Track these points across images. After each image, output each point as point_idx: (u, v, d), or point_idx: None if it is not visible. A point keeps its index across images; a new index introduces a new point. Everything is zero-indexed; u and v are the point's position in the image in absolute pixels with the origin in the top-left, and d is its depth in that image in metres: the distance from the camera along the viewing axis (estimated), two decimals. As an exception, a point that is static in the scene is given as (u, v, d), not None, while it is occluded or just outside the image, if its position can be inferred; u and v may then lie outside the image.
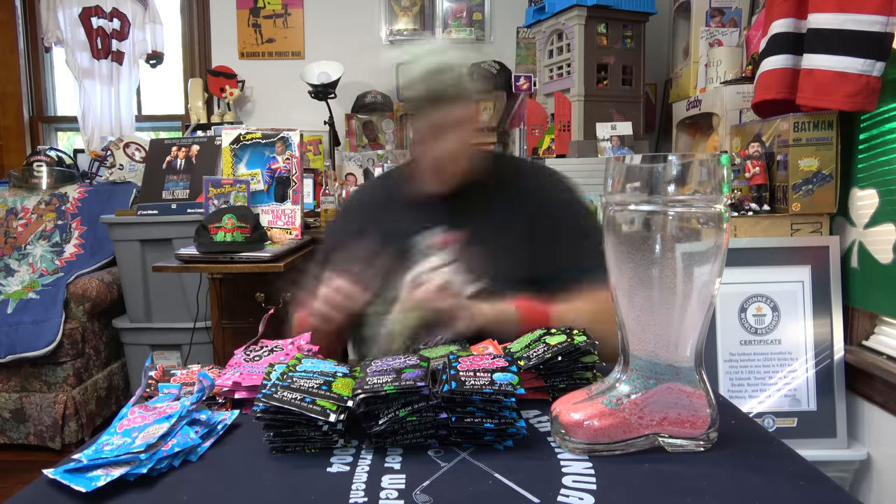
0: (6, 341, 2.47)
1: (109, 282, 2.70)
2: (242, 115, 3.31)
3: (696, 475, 0.70)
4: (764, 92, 1.78)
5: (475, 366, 0.82)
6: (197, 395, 0.84)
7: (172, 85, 3.47)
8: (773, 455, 0.75)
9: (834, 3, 1.58)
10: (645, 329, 0.73)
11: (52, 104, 3.51)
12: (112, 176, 2.96)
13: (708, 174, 0.70)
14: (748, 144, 1.86)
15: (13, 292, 2.62)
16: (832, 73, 1.59)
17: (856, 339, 1.76)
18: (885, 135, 1.63)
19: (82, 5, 3.24)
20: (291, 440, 0.76)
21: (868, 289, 1.69)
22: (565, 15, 2.49)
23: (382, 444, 0.77)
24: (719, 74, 2.19)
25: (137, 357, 2.70)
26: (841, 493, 0.68)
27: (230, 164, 2.28)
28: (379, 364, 0.86)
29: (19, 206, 2.91)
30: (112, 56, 3.28)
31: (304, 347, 1.01)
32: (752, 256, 1.76)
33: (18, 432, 2.56)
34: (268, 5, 3.27)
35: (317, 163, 3.05)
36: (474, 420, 0.76)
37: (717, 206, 0.70)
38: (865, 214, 1.69)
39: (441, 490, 0.67)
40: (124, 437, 0.74)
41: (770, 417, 1.72)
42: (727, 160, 0.71)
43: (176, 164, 2.56)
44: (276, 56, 3.30)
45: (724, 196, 0.70)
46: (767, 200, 1.81)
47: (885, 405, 1.63)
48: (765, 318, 1.75)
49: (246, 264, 2.00)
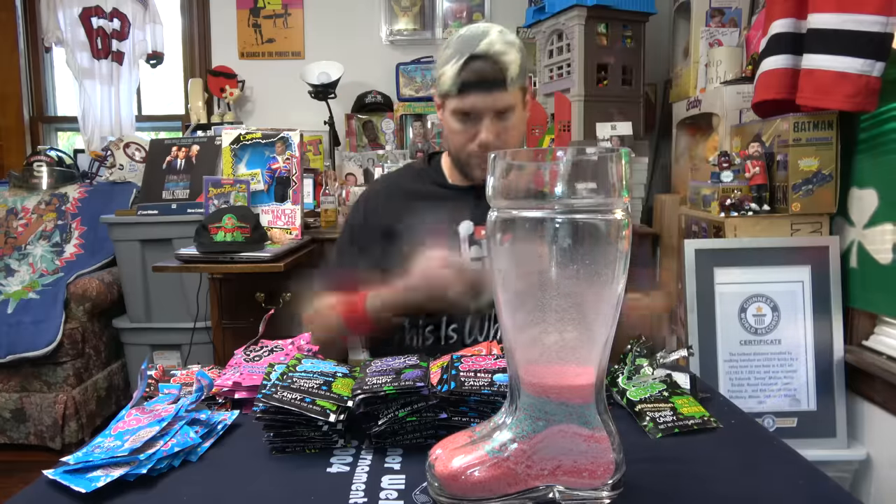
0: (6, 341, 2.47)
1: (109, 282, 2.70)
2: (242, 115, 3.31)
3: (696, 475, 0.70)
4: (764, 92, 1.78)
5: (477, 366, 0.82)
6: (196, 395, 0.84)
7: (172, 85, 3.47)
8: (773, 455, 0.75)
9: (834, 3, 1.58)
10: (533, 357, 0.62)
11: (52, 104, 3.51)
12: (112, 176, 2.96)
13: (605, 173, 0.59)
14: (748, 144, 1.86)
15: (13, 292, 2.62)
16: (832, 73, 1.58)
17: (856, 339, 1.76)
18: (885, 135, 1.63)
19: (82, 5, 3.24)
20: (291, 440, 0.76)
21: (868, 289, 1.69)
22: (565, 15, 2.49)
23: (382, 444, 0.77)
24: (719, 74, 2.19)
25: (137, 357, 2.70)
26: (841, 492, 0.68)
27: (230, 164, 2.28)
28: (378, 364, 0.86)
29: (19, 206, 2.91)
30: (112, 56, 3.28)
31: (304, 347, 1.01)
32: (751, 256, 1.76)
33: (18, 432, 2.56)
34: (268, 5, 3.26)
35: (317, 163, 3.04)
36: (462, 420, 0.76)
37: (617, 211, 0.59)
38: (865, 214, 1.68)
39: (441, 490, 0.67)
40: (116, 440, 0.74)
41: (770, 417, 1.72)
42: (627, 155, 0.60)
43: (176, 164, 2.56)
44: (276, 56, 3.30)
45: (623, 199, 0.59)
46: (767, 200, 1.81)
47: (885, 405, 1.63)
48: (765, 318, 1.75)
49: (246, 264, 2.00)
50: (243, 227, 2.03)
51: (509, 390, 0.65)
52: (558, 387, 0.62)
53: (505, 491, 0.62)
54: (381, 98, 3.16)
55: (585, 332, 0.61)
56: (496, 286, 0.64)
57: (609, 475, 0.63)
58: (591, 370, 0.62)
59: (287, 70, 3.21)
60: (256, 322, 1.05)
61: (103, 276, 2.70)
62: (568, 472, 0.63)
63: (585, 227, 0.58)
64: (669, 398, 0.86)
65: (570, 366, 0.62)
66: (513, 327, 0.63)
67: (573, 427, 0.62)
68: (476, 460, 0.62)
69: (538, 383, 0.62)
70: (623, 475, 0.64)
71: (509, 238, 0.61)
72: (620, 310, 0.63)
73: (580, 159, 0.59)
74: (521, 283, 0.61)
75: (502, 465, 0.62)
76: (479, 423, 0.69)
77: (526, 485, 0.63)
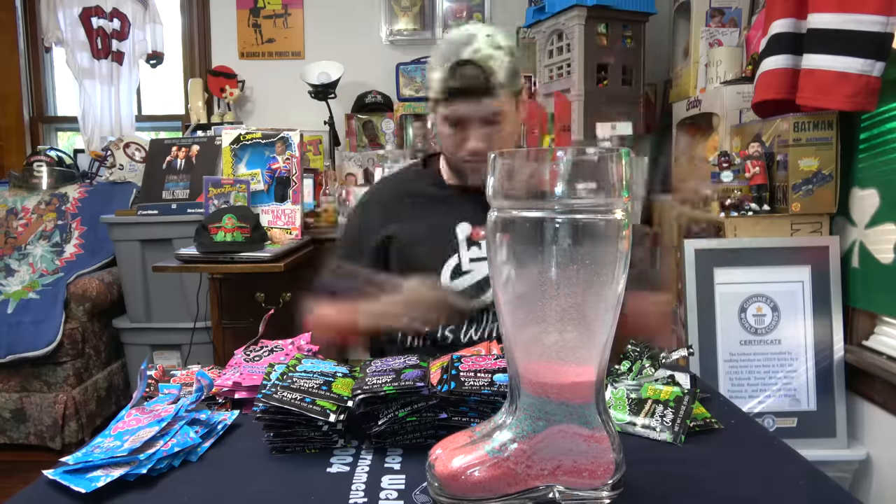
0: (6, 341, 2.47)
1: (109, 282, 2.69)
2: (242, 115, 3.31)
3: (696, 475, 0.70)
4: (764, 92, 1.78)
5: (477, 366, 0.82)
6: (196, 395, 0.84)
7: (172, 85, 3.47)
8: (773, 455, 0.75)
9: (834, 3, 1.58)
10: (533, 356, 0.62)
11: (52, 104, 3.51)
12: (112, 176, 2.96)
13: (605, 173, 0.59)
14: (748, 144, 1.86)
15: (13, 292, 2.62)
16: (832, 73, 1.58)
17: (856, 339, 1.76)
18: (886, 134, 1.63)
19: (82, 5, 3.24)
20: (291, 440, 0.76)
21: (869, 289, 1.69)
22: (565, 15, 2.49)
23: (382, 444, 0.77)
24: (719, 74, 2.19)
25: (137, 357, 2.70)
26: (841, 492, 0.68)
27: (230, 164, 2.28)
28: (378, 364, 0.86)
29: (19, 206, 2.91)
30: (112, 56, 3.28)
31: (304, 347, 1.01)
32: (751, 256, 1.76)
33: (18, 432, 2.56)
34: (268, 5, 3.26)
35: (317, 163, 3.04)
36: (462, 420, 0.76)
37: (617, 211, 0.59)
38: (866, 214, 1.69)
39: (441, 490, 0.67)
40: (115, 441, 0.74)
41: (770, 417, 1.72)
42: (627, 155, 0.60)
43: (176, 164, 2.56)
44: (276, 56, 3.30)
45: (623, 199, 0.59)
46: (767, 200, 1.81)
47: (885, 405, 1.63)
48: (765, 318, 1.75)
49: (246, 264, 2.00)
50: (243, 227, 2.03)
51: (509, 390, 0.65)
52: (558, 387, 0.62)
53: (505, 491, 0.62)
54: (381, 98, 3.16)
55: (585, 332, 0.61)
56: (496, 286, 0.64)
57: (609, 475, 0.63)
58: (591, 370, 0.62)
59: (287, 70, 3.21)
60: (256, 322, 1.05)
61: (103, 276, 2.70)
62: (568, 472, 0.63)
63: (585, 227, 0.58)
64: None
65: (570, 366, 0.62)
66: (513, 327, 0.63)
67: (573, 427, 0.62)
68: (476, 460, 0.62)
69: (538, 383, 0.62)
70: (623, 475, 0.64)
71: (509, 238, 0.61)
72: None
73: (580, 159, 0.59)
74: (521, 283, 0.61)
75: (502, 465, 0.62)
76: (479, 423, 0.69)
77: (526, 485, 0.62)
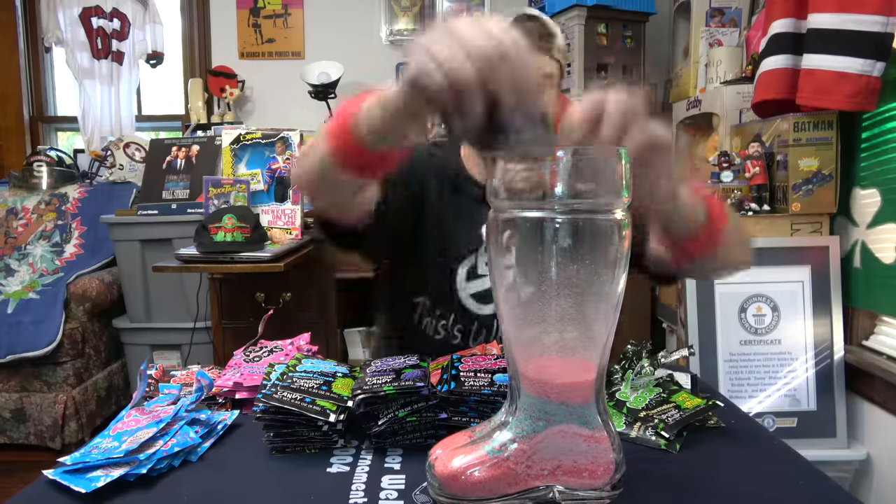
0: (6, 341, 2.47)
1: (109, 282, 2.69)
2: (242, 115, 3.31)
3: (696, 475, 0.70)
4: (764, 92, 1.78)
5: (477, 366, 0.82)
6: (196, 395, 0.84)
7: (172, 85, 3.47)
8: (773, 455, 0.75)
9: (834, 3, 1.58)
10: (533, 356, 0.62)
11: (52, 104, 3.51)
12: (112, 176, 2.96)
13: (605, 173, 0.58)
14: (748, 144, 1.86)
15: (13, 292, 2.62)
16: (832, 73, 1.59)
17: (856, 339, 1.76)
18: (886, 134, 1.63)
19: (82, 5, 3.24)
20: (291, 440, 0.76)
21: (871, 289, 1.69)
22: (565, 15, 2.49)
23: (382, 444, 0.77)
24: (719, 74, 2.19)
25: (137, 357, 2.70)
26: (841, 492, 0.68)
27: (230, 164, 2.28)
28: (378, 364, 0.86)
29: (19, 206, 2.91)
30: (112, 56, 3.28)
31: (303, 348, 1.01)
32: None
33: (18, 432, 2.56)
34: (268, 5, 3.26)
35: (317, 163, 3.04)
36: (462, 420, 0.76)
37: (617, 211, 0.59)
38: (868, 214, 1.69)
39: (441, 490, 0.67)
40: (114, 441, 0.74)
41: (770, 417, 1.72)
42: (627, 154, 0.59)
43: (176, 164, 2.56)
44: (276, 56, 3.30)
45: (623, 199, 0.59)
46: (767, 200, 1.81)
47: (885, 405, 1.63)
48: (765, 318, 1.75)
49: (246, 264, 2.00)
50: (243, 227, 2.03)
51: (509, 390, 0.64)
52: (558, 386, 0.61)
53: (505, 491, 0.62)
54: (380, 98, 3.16)
55: (585, 332, 0.61)
56: (496, 286, 0.64)
57: (609, 475, 0.63)
58: (591, 370, 0.62)
59: (287, 70, 3.21)
60: (256, 322, 1.05)
61: (103, 276, 2.70)
62: (568, 472, 0.62)
63: (585, 227, 0.58)
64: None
65: (570, 366, 0.62)
66: (513, 327, 0.63)
67: (573, 427, 0.62)
68: (476, 460, 0.62)
69: (538, 383, 0.61)
70: (623, 475, 0.64)
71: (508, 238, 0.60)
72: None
73: (580, 159, 0.58)
74: (521, 283, 0.61)
75: (502, 465, 0.62)
76: (479, 423, 0.69)
77: (526, 485, 0.62)
